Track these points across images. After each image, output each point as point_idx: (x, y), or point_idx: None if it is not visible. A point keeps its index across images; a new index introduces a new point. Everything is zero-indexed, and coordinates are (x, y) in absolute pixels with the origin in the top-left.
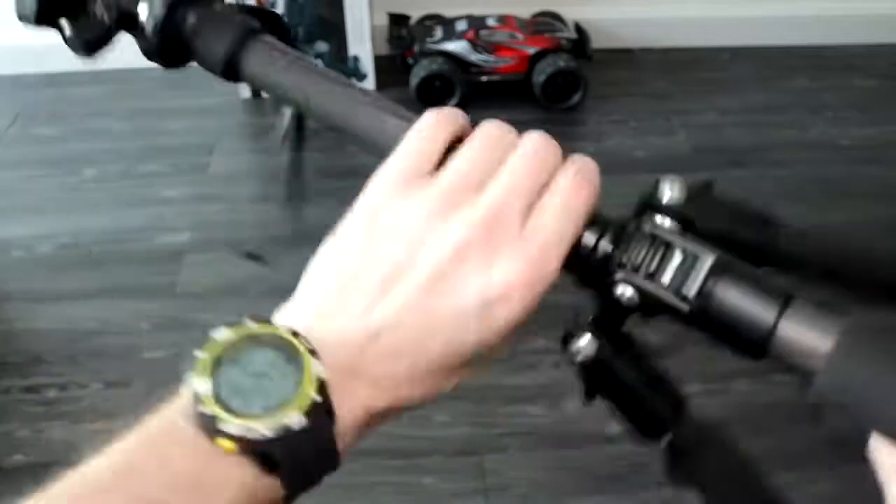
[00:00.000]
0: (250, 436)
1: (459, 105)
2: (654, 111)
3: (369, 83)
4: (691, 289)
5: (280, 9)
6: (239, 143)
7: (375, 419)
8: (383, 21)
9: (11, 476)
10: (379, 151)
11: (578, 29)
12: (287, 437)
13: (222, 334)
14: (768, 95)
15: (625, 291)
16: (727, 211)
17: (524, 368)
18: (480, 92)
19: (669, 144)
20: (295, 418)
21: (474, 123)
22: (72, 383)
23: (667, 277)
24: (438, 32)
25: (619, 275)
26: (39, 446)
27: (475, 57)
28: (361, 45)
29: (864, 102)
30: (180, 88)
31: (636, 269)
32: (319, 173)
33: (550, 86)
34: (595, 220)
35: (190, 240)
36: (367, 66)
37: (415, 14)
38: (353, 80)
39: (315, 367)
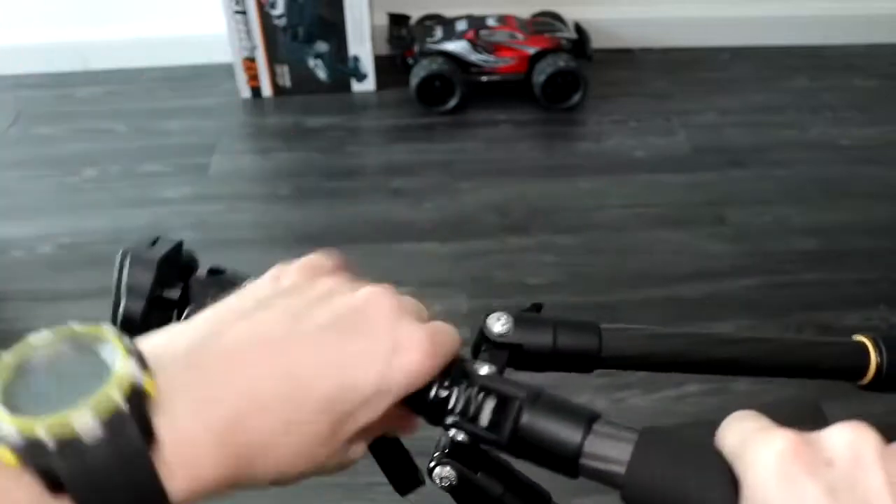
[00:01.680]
0: (28, 442)
1: (459, 105)
2: (654, 111)
3: (369, 83)
4: (506, 427)
5: (280, 9)
6: (239, 143)
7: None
8: (383, 21)
9: None
10: None
11: (578, 29)
12: (74, 448)
13: (39, 336)
14: (768, 95)
15: (456, 434)
16: (551, 327)
17: None
18: (480, 92)
19: (669, 144)
20: (83, 421)
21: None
22: None
23: (485, 419)
24: (438, 32)
25: (449, 419)
26: None
27: (475, 57)
28: (361, 45)
29: (864, 102)
30: (180, 88)
31: (463, 414)
32: (319, 173)
33: (550, 86)
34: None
35: (190, 240)
36: (367, 66)
37: (415, 14)
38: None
39: (127, 368)
